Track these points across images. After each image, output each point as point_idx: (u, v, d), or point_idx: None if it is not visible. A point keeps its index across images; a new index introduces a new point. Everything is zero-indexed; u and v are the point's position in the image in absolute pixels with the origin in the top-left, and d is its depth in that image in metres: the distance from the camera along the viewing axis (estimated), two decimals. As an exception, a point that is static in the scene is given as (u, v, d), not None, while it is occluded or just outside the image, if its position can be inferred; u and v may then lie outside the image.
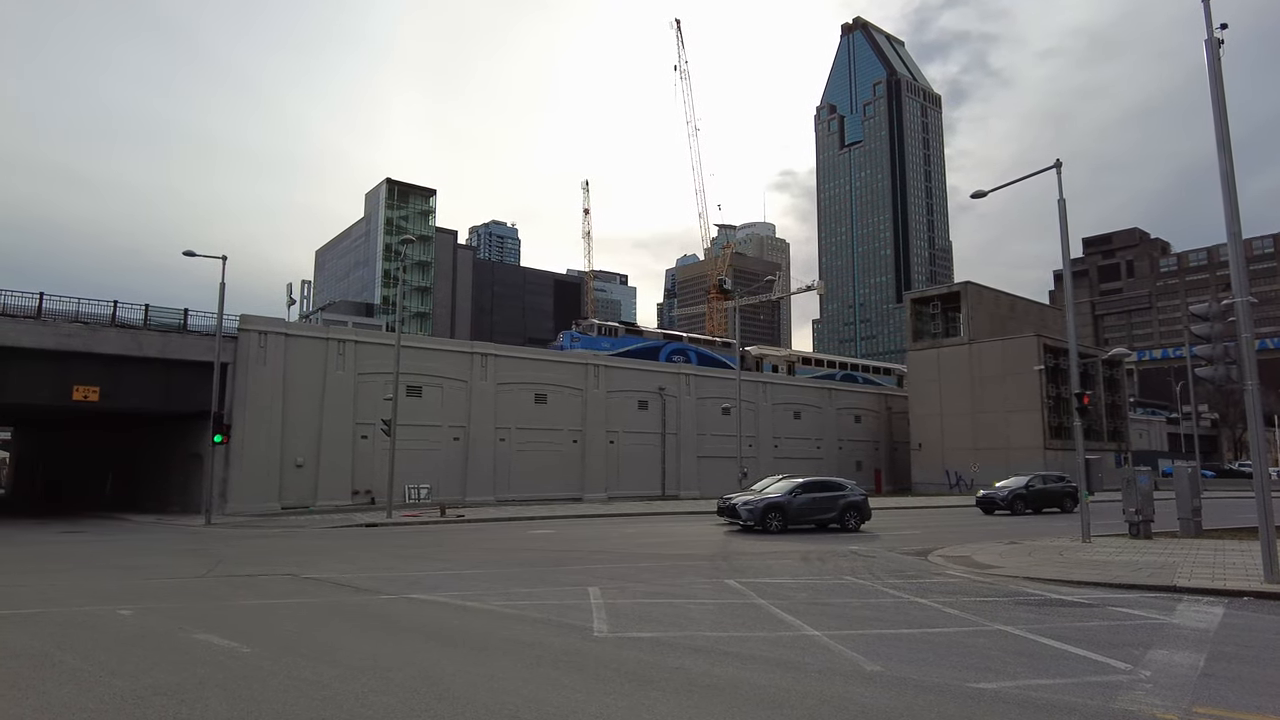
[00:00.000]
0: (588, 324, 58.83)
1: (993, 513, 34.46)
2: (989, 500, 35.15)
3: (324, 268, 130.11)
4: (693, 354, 60.85)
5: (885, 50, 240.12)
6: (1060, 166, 21.35)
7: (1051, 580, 13.83)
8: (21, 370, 31.84)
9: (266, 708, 6.33)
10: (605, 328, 58.46)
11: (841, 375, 73.89)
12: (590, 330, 57.73)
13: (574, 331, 58.09)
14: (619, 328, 59.32)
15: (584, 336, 56.78)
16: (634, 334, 59.94)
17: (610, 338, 57.51)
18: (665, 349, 59.48)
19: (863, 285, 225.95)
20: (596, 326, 58.23)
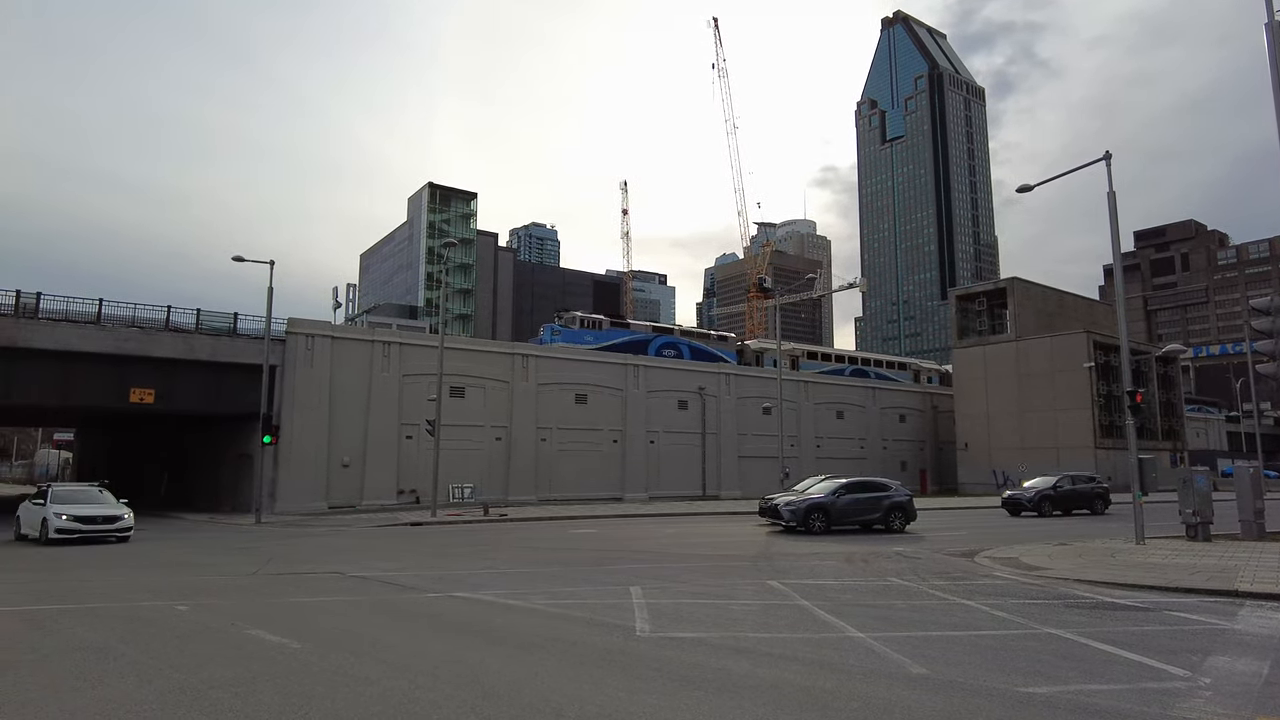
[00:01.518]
0: (570, 316, 55.62)
1: (1019, 514, 33.38)
2: (1015, 501, 34.08)
3: (368, 271, 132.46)
4: (684, 348, 57.54)
5: (926, 43, 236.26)
6: (1110, 158, 20.80)
7: (1104, 583, 13.46)
8: (83, 374, 33.00)
9: (316, 703, 6.47)
10: (589, 320, 55.45)
11: (851, 370, 69.31)
12: (572, 323, 54.47)
13: (555, 325, 55.00)
14: (604, 320, 56.22)
15: (566, 330, 53.64)
16: (620, 327, 56.83)
17: (594, 331, 54.44)
18: (654, 342, 56.04)
19: (906, 282, 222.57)
20: (579, 319, 55.13)
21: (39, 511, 22.18)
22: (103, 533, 21.87)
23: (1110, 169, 20.74)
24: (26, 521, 23.08)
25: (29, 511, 23.07)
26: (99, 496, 23.62)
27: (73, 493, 23.39)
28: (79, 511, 21.86)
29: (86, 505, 22.49)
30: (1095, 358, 57.36)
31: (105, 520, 22.02)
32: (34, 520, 22.45)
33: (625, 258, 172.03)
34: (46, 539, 21.41)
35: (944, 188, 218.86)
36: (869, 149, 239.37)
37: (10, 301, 31.79)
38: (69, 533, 21.42)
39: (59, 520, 21.42)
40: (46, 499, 22.41)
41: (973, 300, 69.29)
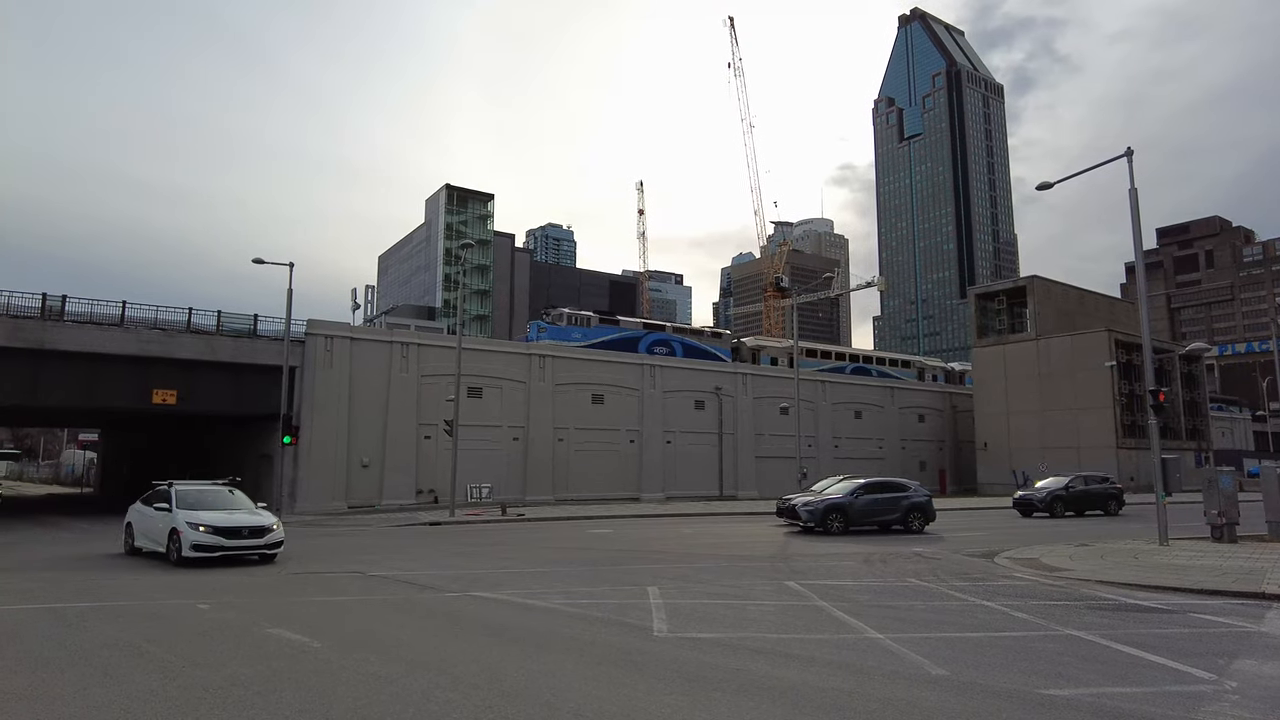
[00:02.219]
0: (556, 313, 53.45)
1: (1030, 515, 32.97)
2: (1026, 502, 33.66)
3: (387, 272, 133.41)
4: (677, 345, 55.47)
5: (944, 40, 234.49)
6: (1131, 155, 20.56)
7: (1126, 584, 13.31)
8: (107, 375, 33.44)
9: (336, 701, 6.53)
10: (577, 317, 53.32)
11: (853, 369, 66.84)
12: (559, 319, 52.34)
13: (541, 321, 53.11)
14: (592, 317, 54.12)
15: (551, 327, 51.66)
16: (610, 324, 54.78)
17: (582, 328, 52.31)
18: (645, 339, 53.98)
19: (925, 281, 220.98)
20: (566, 316, 53.00)
21: (163, 519, 17.31)
22: (250, 549, 16.83)
23: (1132, 165, 20.51)
24: (144, 531, 18.20)
25: (145, 518, 18.27)
26: (233, 499, 18.54)
27: (201, 493, 18.31)
28: (219, 521, 16.74)
29: (224, 512, 17.48)
30: (1117, 356, 56.68)
31: (252, 533, 16.87)
32: (155, 530, 17.55)
33: (641, 258, 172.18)
34: (180, 558, 16.34)
35: (963, 186, 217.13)
36: (886, 147, 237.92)
37: (37, 305, 32.28)
38: (209, 550, 16.32)
39: (194, 533, 16.31)
40: (170, 502, 17.44)
41: (992, 299, 68.69)
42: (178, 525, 16.52)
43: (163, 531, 17.06)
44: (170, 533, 16.66)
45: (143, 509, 18.41)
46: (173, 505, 17.12)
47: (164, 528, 17.02)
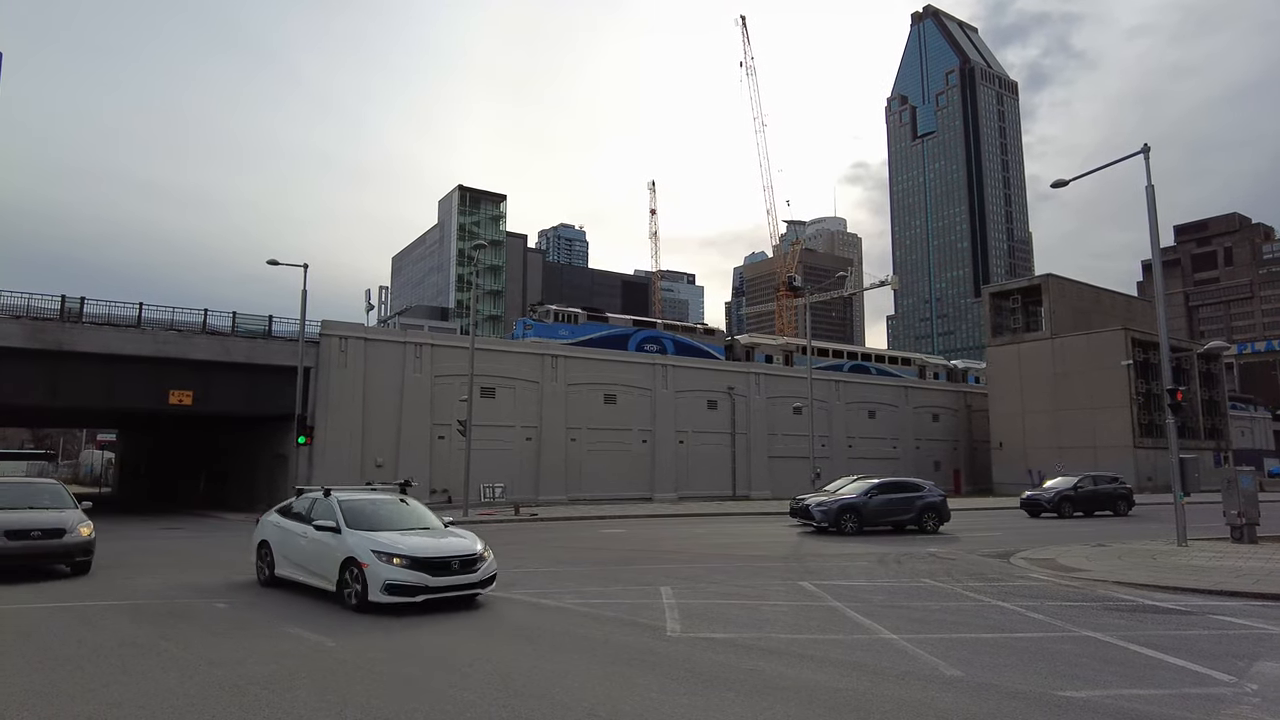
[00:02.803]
0: (543, 310, 52.95)
1: (1039, 515, 32.64)
2: (1034, 502, 33.35)
3: (400, 273, 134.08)
4: (668, 342, 54.51)
5: (957, 37, 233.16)
6: (1148, 151, 20.36)
7: (1144, 585, 13.18)
8: (124, 376, 33.78)
9: (352, 699, 6.56)
10: (564, 314, 52.60)
11: (850, 366, 65.53)
12: (546, 317, 51.67)
13: (527, 319, 52.20)
14: (580, 314, 53.26)
15: (538, 324, 50.93)
16: (598, 321, 53.87)
17: (569, 325, 51.55)
18: (635, 337, 53.31)
19: (939, 279, 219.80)
20: (552, 313, 52.29)
21: (327, 543, 11.72)
22: (462, 589, 11.22)
23: (1149, 162, 20.32)
24: (292, 555, 12.62)
25: (292, 537, 12.66)
26: (414, 513, 12.95)
27: (373, 506, 12.63)
28: (418, 549, 11.07)
29: (418, 534, 11.80)
30: (1134, 355, 56.20)
31: (464, 565, 11.17)
32: (313, 557, 12.03)
33: (653, 258, 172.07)
34: (364, 601, 10.76)
35: (976, 183, 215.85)
36: (899, 145, 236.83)
37: (56, 307, 32.67)
38: (408, 592, 10.70)
39: (387, 568, 10.70)
40: (337, 519, 11.81)
41: (1007, 297, 68.24)
42: (357, 554, 10.95)
43: (329, 560, 11.52)
44: (344, 564, 11.16)
45: (287, 525, 12.95)
46: (340, 523, 11.66)
47: (331, 555, 11.49)
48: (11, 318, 31.50)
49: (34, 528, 13.70)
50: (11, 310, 31.78)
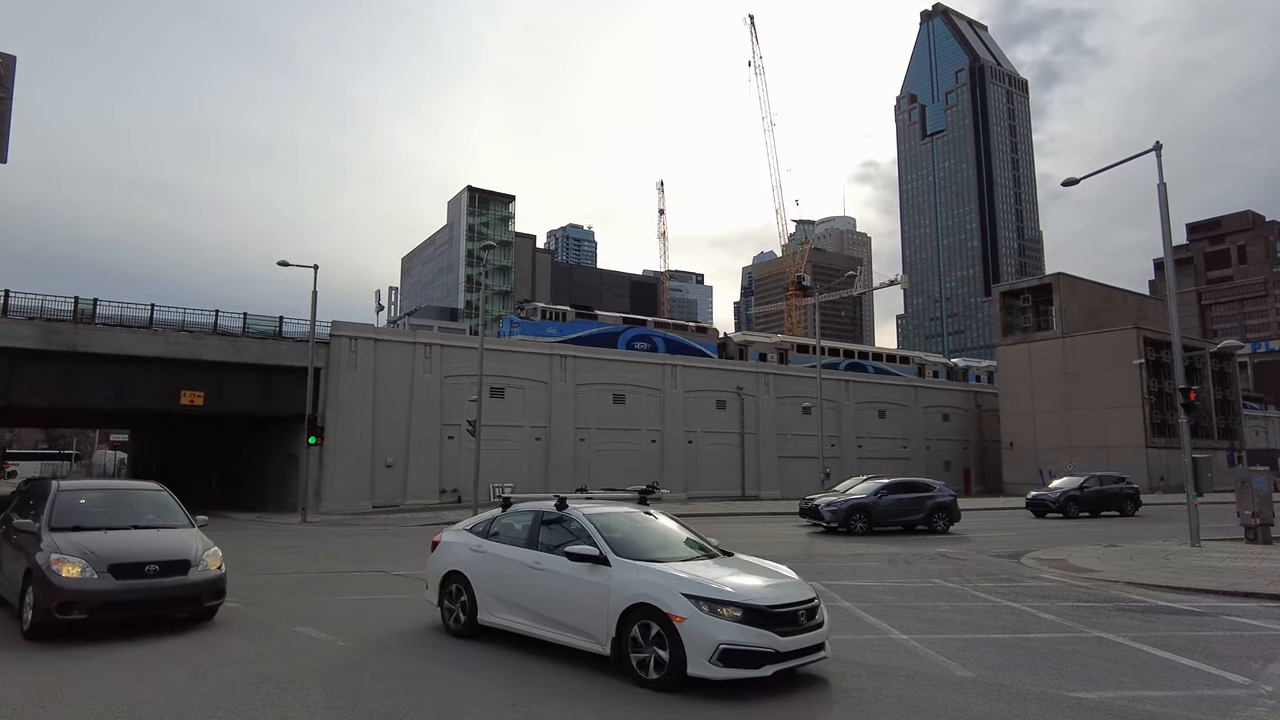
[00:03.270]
0: (531, 308, 52.13)
1: (1044, 516, 32.41)
2: (1040, 502, 33.11)
3: (410, 274, 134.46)
4: (659, 340, 53.79)
5: (967, 36, 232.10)
6: (1160, 149, 20.22)
7: (1157, 586, 13.09)
8: (137, 377, 34.00)
9: (363, 698, 6.59)
10: (552, 312, 51.77)
11: (847, 365, 63.93)
12: (533, 315, 50.84)
13: (513, 316, 51.45)
14: (568, 312, 52.46)
15: (525, 321, 50.14)
16: (587, 318, 52.90)
17: (557, 323, 50.63)
18: (625, 335, 52.46)
19: (949, 279, 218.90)
20: (540, 310, 51.59)
21: (594, 582, 7.74)
22: (814, 650, 7.31)
23: (1160, 160, 20.17)
24: (514, 596, 8.67)
25: (511, 572, 8.74)
26: (670, 532, 9.08)
27: (632, 524, 8.79)
28: (754, 594, 7.16)
29: (705, 565, 7.92)
30: (1146, 354, 55.81)
31: (808, 614, 7.35)
32: (569, 603, 7.98)
33: (662, 258, 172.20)
34: (674, 673, 6.87)
35: (986, 182, 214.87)
36: (909, 144, 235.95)
37: (69, 308, 32.92)
38: (752, 660, 6.79)
39: (718, 624, 6.83)
40: (594, 541, 8.03)
41: (1017, 296, 67.88)
42: (657, 600, 7.12)
43: (593, 607, 7.65)
44: (627, 614, 7.29)
45: (499, 551, 8.95)
46: (605, 549, 7.84)
47: (597, 598, 7.62)
48: (26, 319, 31.76)
49: (150, 559, 9.21)
50: (26, 312, 32.03)
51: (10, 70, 10.13)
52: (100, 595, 8.76)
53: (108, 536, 9.48)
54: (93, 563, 8.85)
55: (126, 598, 8.93)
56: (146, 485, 11.53)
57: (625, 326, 53.82)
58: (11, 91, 10.08)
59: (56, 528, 9.50)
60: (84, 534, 9.41)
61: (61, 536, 9.27)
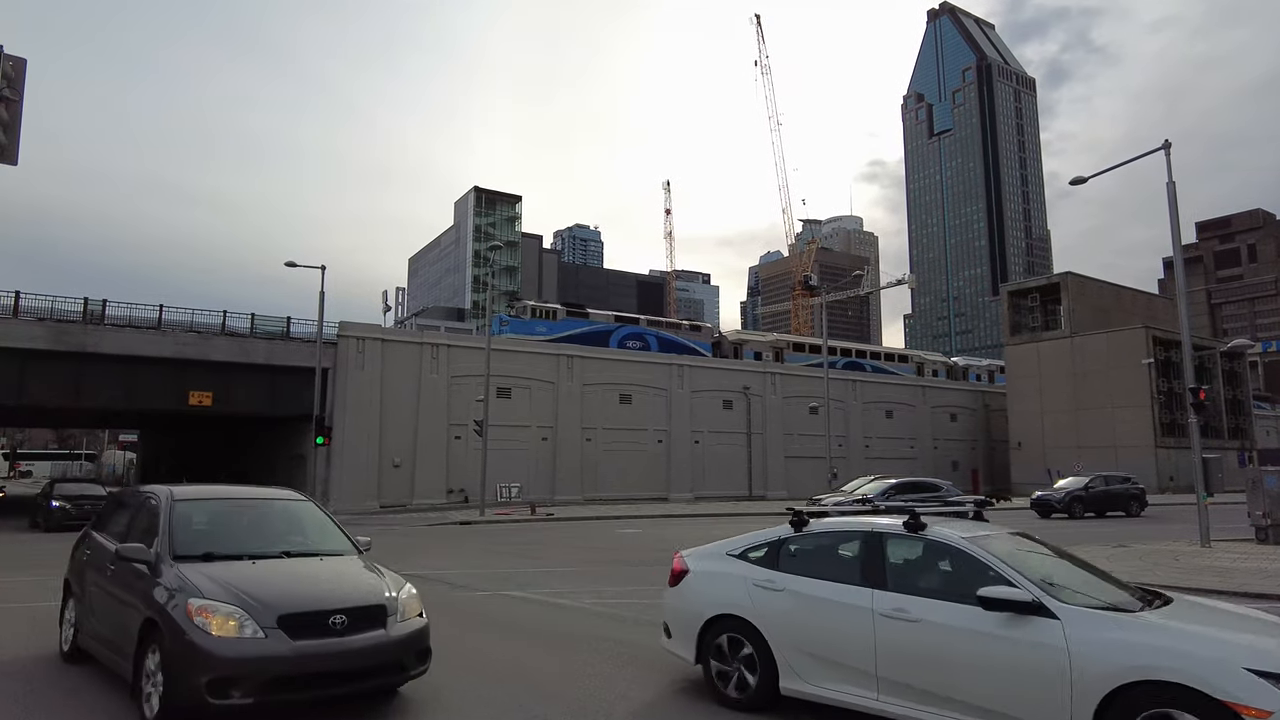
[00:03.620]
0: (521, 306, 52.08)
1: (1049, 516, 32.23)
2: (1045, 503, 32.98)
3: (416, 275, 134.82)
4: (652, 339, 53.22)
5: (974, 34, 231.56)
6: (1169, 147, 20.12)
7: (1167, 586, 12.99)
8: (145, 377, 34.18)
9: (373, 696, 6.59)
10: (543, 310, 51.54)
11: (845, 363, 62.81)
12: (524, 313, 50.79)
13: (503, 315, 51.12)
14: (559, 310, 52.26)
15: (515, 320, 50.14)
16: (578, 317, 52.38)
17: (547, 321, 50.39)
18: (617, 333, 51.99)
19: (956, 278, 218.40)
20: (530, 309, 51.29)
21: (1018, 635, 5.02)
22: None
23: (1170, 158, 20.07)
24: (851, 657, 5.78)
25: (842, 620, 5.90)
26: None
27: (1043, 563, 5.84)
28: None
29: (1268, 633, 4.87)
30: (1155, 354, 55.55)
31: None
32: (972, 668, 5.16)
33: (668, 258, 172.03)
34: None
35: (994, 181, 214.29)
36: (916, 143, 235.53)
37: (79, 309, 33.11)
38: None
39: None
40: (1028, 589, 5.11)
41: (1025, 296, 67.68)
42: (1210, 683, 4.28)
43: (1031, 681, 4.92)
44: (1112, 697, 4.55)
45: (822, 592, 6.19)
46: (1032, 589, 5.16)
47: (1045, 669, 4.87)
48: (36, 320, 31.97)
49: (337, 608, 5.93)
50: (36, 313, 32.25)
51: (21, 73, 10.25)
52: (274, 665, 5.52)
53: (258, 570, 6.31)
54: (255, 613, 5.65)
55: (309, 668, 5.65)
56: (284, 494, 8.21)
57: (617, 325, 53.27)
58: (22, 94, 10.19)
59: (182, 556, 6.37)
60: (222, 565, 6.28)
61: (195, 570, 6.09)
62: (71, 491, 27.47)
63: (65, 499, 26.40)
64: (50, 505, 26.27)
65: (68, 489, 28.08)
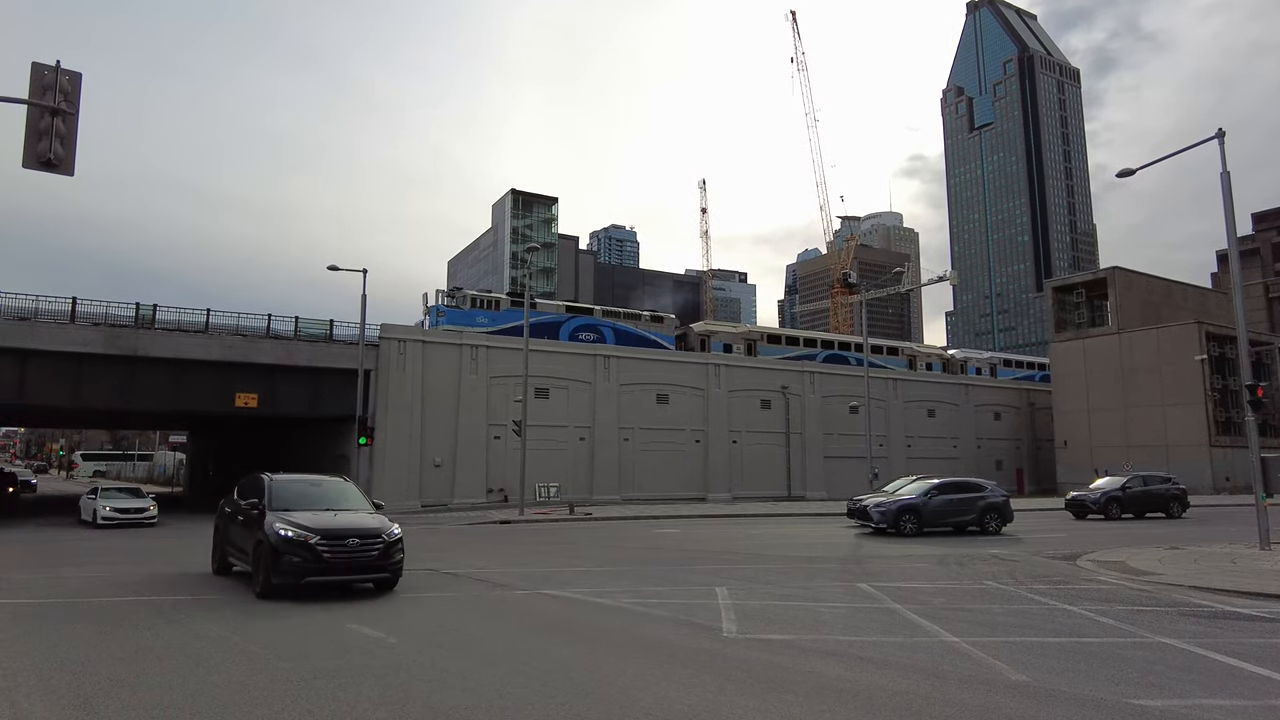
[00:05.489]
0: (460, 295, 47.95)
1: (1084, 517, 31.25)
2: (1080, 503, 31.88)
3: (455, 277, 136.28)
4: (607, 330, 50.00)
5: (1015, 25, 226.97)
6: (1223, 136, 19.47)
7: (1223, 590, 12.61)
8: (194, 379, 35.08)
9: (414, 694, 6.69)
10: (484, 300, 47.98)
11: (826, 356, 59.35)
12: (463, 303, 46.86)
13: (440, 305, 47.28)
14: (502, 299, 48.84)
15: (451, 310, 46.32)
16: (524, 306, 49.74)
17: (489, 311, 46.94)
18: (566, 325, 48.78)
19: (999, 274, 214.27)
20: (470, 298, 47.65)
21: None
22: None
23: (1224, 147, 19.43)
24: None
25: None
26: None
27: None
28: None
29: None
30: (1209, 350, 53.88)
31: None
32: None
33: (705, 256, 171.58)
34: None
35: (1037, 175, 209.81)
36: (956, 138, 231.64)
37: (131, 314, 34.11)
38: None
39: None
40: None
41: (1070, 292, 66.14)
42: None
43: None
44: None
45: None
46: None
47: None
48: (92, 325, 33.00)
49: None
50: (91, 318, 33.29)
51: (77, 87, 10.61)
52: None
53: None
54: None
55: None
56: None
57: (568, 316, 50.21)
58: (78, 107, 10.53)
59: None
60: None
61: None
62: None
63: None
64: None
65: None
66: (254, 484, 13.54)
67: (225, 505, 14.32)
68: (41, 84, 11.81)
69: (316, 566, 11.45)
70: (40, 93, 11.80)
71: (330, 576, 11.67)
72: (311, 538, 11.45)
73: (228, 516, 14.00)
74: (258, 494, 12.93)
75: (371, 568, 11.96)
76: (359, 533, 11.85)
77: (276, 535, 11.50)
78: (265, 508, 12.21)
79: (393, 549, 12.11)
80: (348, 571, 11.80)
